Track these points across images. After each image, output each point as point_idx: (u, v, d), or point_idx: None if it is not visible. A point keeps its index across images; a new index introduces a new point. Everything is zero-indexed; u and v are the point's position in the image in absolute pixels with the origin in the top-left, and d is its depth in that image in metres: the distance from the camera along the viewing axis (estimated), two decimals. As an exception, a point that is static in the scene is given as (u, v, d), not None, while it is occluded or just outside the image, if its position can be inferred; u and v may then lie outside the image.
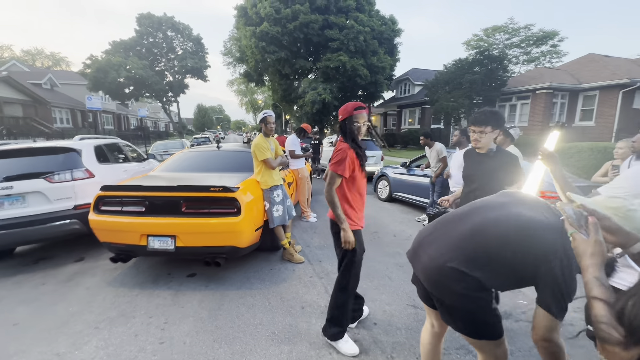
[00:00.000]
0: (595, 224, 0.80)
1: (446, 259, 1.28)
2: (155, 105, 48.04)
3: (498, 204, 1.38)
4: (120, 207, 3.02)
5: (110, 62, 27.55)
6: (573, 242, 0.83)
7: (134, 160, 5.83)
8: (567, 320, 2.58)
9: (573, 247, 0.83)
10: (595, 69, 15.88)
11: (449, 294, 1.28)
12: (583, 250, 0.79)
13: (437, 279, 1.32)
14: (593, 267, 0.74)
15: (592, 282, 0.72)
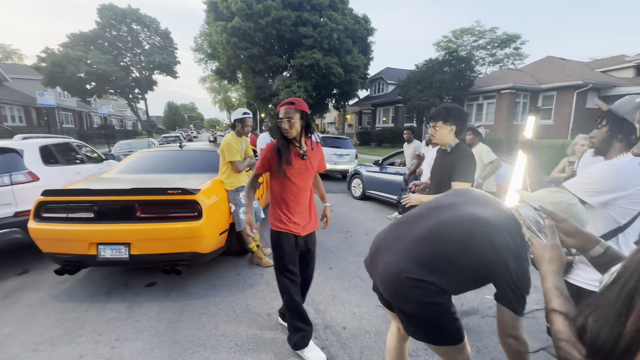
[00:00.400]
0: (552, 227, 0.75)
1: (401, 267, 1.23)
2: (122, 102, 45.40)
3: (451, 204, 1.36)
4: (65, 213, 2.73)
5: (68, 56, 25.62)
6: (531, 246, 0.78)
7: (90, 162, 5.39)
8: (541, 321, 2.65)
9: (531, 252, 0.78)
10: (552, 71, 16.93)
11: (408, 302, 1.23)
12: (541, 255, 0.74)
13: (394, 288, 1.26)
14: (551, 274, 0.69)
15: (550, 291, 0.66)
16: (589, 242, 0.80)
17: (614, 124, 1.32)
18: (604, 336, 0.48)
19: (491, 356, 2.14)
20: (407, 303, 1.23)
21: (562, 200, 1.06)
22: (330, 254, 3.83)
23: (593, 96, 15.77)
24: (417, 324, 1.26)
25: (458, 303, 2.77)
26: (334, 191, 8.10)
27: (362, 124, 30.33)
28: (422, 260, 1.20)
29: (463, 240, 1.18)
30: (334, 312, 2.57)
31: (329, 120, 38.56)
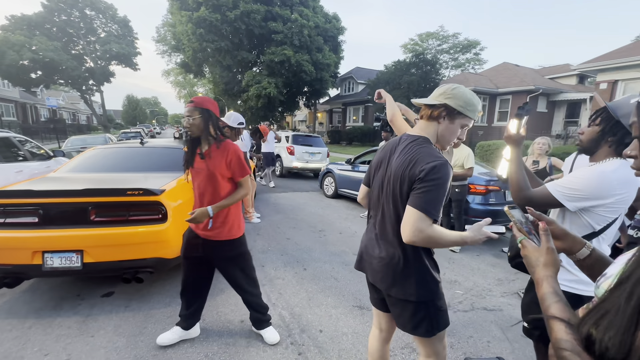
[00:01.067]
0: (546, 229, 0.74)
1: (391, 253, 1.29)
2: (74, 94, 41.58)
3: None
4: (3, 218, 2.38)
5: (7, 40, 23.02)
6: (523, 249, 0.76)
7: (34, 159, 4.85)
8: (497, 306, 2.77)
9: (523, 255, 0.76)
10: (508, 76, 18.18)
11: (406, 289, 1.27)
12: (535, 259, 0.71)
13: (391, 279, 1.29)
14: (548, 279, 0.67)
15: (548, 297, 0.64)
16: (576, 244, 0.80)
17: (608, 125, 1.24)
18: (615, 348, 0.45)
19: (463, 350, 2.19)
20: (407, 290, 1.27)
21: (446, 88, 1.26)
22: (304, 254, 3.76)
23: (543, 100, 17.18)
24: (418, 312, 1.29)
25: (431, 299, 2.83)
26: (306, 189, 8.03)
27: (332, 123, 30.53)
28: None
29: None
30: (309, 315, 2.50)
31: (300, 118, 38.35)
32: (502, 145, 10.02)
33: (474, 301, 2.85)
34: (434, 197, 1.15)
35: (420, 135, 1.31)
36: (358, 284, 3.05)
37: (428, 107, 1.29)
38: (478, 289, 3.08)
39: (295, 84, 21.76)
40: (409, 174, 1.20)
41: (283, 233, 4.54)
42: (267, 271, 3.28)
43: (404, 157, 1.25)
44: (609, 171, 1.20)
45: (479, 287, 3.13)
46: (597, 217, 1.24)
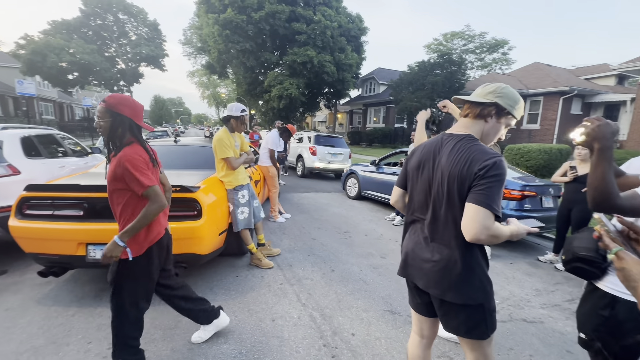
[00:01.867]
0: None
1: (446, 255, 1.25)
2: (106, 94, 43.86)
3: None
4: (51, 210, 2.51)
5: (49, 44, 24.49)
6: (618, 262, 0.69)
7: (74, 155, 5.10)
8: (538, 318, 2.62)
9: (619, 269, 0.69)
10: (540, 77, 17.36)
11: (465, 293, 1.23)
12: (637, 272, 0.64)
13: (447, 283, 1.24)
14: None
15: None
16: None
17: None
18: None
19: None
20: (465, 293, 1.23)
21: (496, 87, 1.25)
22: (330, 255, 3.73)
23: (578, 102, 16.27)
24: (473, 315, 1.26)
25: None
26: (328, 190, 8.00)
27: (352, 124, 30.36)
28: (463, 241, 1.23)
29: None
30: (340, 318, 2.47)
31: (320, 118, 38.42)
32: (532, 148, 9.56)
33: (512, 311, 2.71)
34: (496, 193, 1.13)
35: (466, 133, 1.28)
36: (388, 288, 2.98)
37: (475, 105, 1.27)
38: (515, 299, 2.93)
39: (316, 85, 21.81)
40: (467, 172, 1.17)
41: (308, 233, 4.53)
42: (295, 271, 3.27)
43: (457, 156, 1.22)
44: None
45: (515, 297, 2.98)
46: None
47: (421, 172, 1.37)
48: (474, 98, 1.28)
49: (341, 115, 33.04)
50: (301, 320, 2.41)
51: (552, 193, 4.41)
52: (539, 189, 4.29)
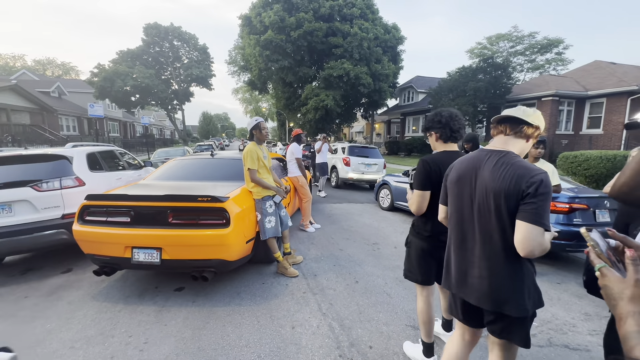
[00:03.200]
0: (635, 258, 0.62)
1: (498, 270, 1.29)
2: (161, 113, 48.59)
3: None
4: (105, 217, 2.89)
5: (117, 71, 27.99)
6: (602, 279, 0.65)
7: (130, 168, 5.74)
8: (583, 345, 2.36)
9: (602, 286, 0.65)
10: (601, 76, 15.65)
11: (520, 304, 1.27)
12: (619, 292, 0.61)
13: (504, 296, 1.29)
14: (634, 316, 0.56)
15: (633, 337, 0.54)
16: None
17: None
18: None
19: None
20: (519, 307, 1.27)
21: (537, 112, 1.32)
22: (356, 267, 3.71)
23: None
24: (523, 323, 1.32)
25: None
26: (361, 201, 7.95)
27: (390, 133, 29.88)
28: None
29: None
30: (360, 329, 2.46)
31: (357, 129, 38.42)
32: (592, 155, 8.58)
33: (552, 336, 2.46)
34: (546, 209, 1.19)
35: (506, 149, 1.34)
36: (412, 302, 2.89)
37: (522, 124, 1.31)
38: (558, 323, 2.66)
39: (352, 96, 22.00)
40: (514, 189, 1.22)
41: (336, 244, 4.56)
42: (319, 280, 3.32)
43: (501, 172, 1.27)
44: None
45: (559, 320, 2.70)
46: None
47: (459, 186, 1.42)
48: (522, 117, 1.31)
49: (379, 125, 32.73)
50: (320, 330, 2.44)
51: (609, 206, 3.94)
52: (591, 201, 3.87)
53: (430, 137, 2.01)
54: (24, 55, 49.97)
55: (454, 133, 1.91)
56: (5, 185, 3.38)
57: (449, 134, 1.91)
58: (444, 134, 1.91)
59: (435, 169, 1.84)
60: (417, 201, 1.90)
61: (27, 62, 48.26)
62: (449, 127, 1.90)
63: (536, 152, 3.63)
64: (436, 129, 1.93)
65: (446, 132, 1.90)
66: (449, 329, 2.33)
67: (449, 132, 1.90)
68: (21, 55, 48.52)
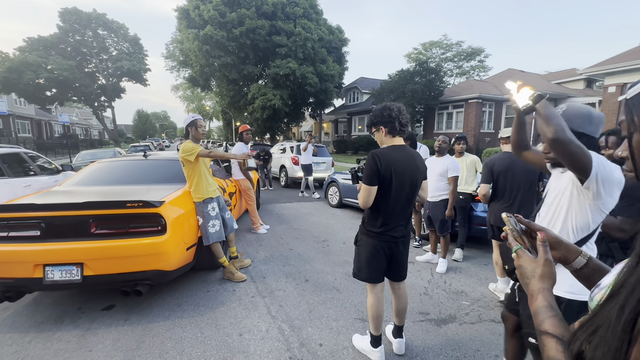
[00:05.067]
0: (544, 241, 0.69)
1: None
2: (87, 110, 42.88)
3: None
4: (6, 232, 2.42)
5: (25, 61, 23.97)
6: (517, 259, 0.72)
7: (44, 173, 4.95)
8: (505, 318, 2.65)
9: (517, 266, 0.72)
10: (514, 82, 18.06)
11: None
12: (531, 271, 0.67)
13: None
14: (543, 292, 0.62)
15: (543, 311, 0.59)
16: (570, 253, 0.75)
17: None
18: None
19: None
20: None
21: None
22: (306, 265, 3.70)
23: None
24: None
25: (436, 311, 2.74)
26: (311, 200, 7.99)
27: (338, 132, 30.64)
28: None
29: None
30: (310, 328, 2.44)
31: (306, 128, 38.64)
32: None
33: (482, 313, 2.74)
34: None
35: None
36: (360, 295, 2.97)
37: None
38: (486, 300, 2.97)
39: (300, 95, 22.02)
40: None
41: (286, 243, 4.50)
42: (268, 283, 3.23)
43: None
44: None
45: (486, 297, 3.02)
46: (597, 214, 1.26)
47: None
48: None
49: (326, 124, 33.34)
50: (269, 334, 2.37)
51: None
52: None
53: (377, 132, 1.99)
54: None
55: (402, 127, 1.93)
56: None
57: (398, 128, 1.93)
58: (393, 128, 1.92)
59: (385, 164, 1.84)
60: (364, 195, 1.90)
61: None
62: (398, 120, 1.92)
63: (459, 148, 4.09)
64: (385, 123, 1.93)
65: (395, 126, 1.92)
66: (399, 335, 2.20)
67: (397, 126, 1.92)
68: None
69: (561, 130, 1.15)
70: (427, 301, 2.91)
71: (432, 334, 2.41)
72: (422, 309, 2.78)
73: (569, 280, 1.25)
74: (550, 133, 1.16)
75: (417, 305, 2.83)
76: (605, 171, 1.18)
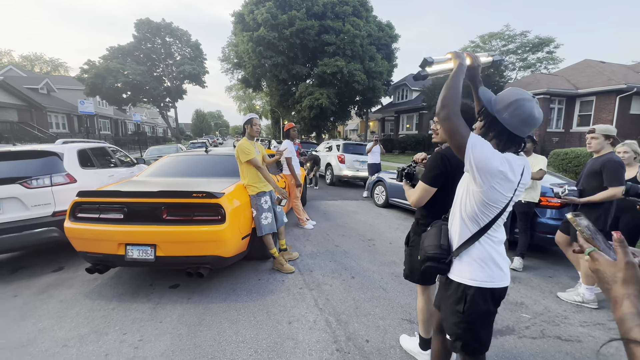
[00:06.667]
0: (622, 240, 0.63)
1: None
2: (153, 110, 47.96)
3: None
4: (97, 214, 2.84)
5: (108, 68, 27.54)
6: (592, 263, 0.66)
7: (123, 165, 5.65)
8: (575, 336, 2.40)
9: (593, 270, 0.66)
10: (591, 75, 15.92)
11: None
12: (611, 275, 0.61)
13: None
14: (630, 298, 0.57)
15: (630, 319, 0.55)
16: None
17: (488, 120, 1.27)
18: None
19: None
20: None
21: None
22: (352, 262, 3.72)
23: (638, 101, 14.61)
24: None
25: (491, 320, 2.57)
26: (355, 198, 7.97)
27: (384, 131, 29.97)
28: None
29: None
30: (356, 324, 2.46)
31: (351, 127, 38.47)
32: (582, 152, 8.74)
33: (545, 328, 2.51)
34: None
35: None
36: (408, 296, 2.91)
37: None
38: (550, 315, 2.70)
39: (347, 94, 21.97)
40: None
41: (332, 240, 4.56)
42: (315, 276, 3.32)
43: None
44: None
45: (551, 312, 2.75)
46: (483, 206, 1.23)
47: None
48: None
49: (373, 123, 32.81)
50: (317, 324, 2.44)
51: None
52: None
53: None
54: (11, 50, 48.79)
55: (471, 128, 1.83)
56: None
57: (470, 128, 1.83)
58: (470, 125, 1.83)
59: (455, 165, 1.68)
60: (420, 195, 1.77)
61: (14, 57, 47.14)
62: (473, 119, 1.82)
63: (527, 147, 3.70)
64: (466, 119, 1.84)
65: (470, 124, 1.83)
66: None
67: (470, 125, 1.82)
68: (8, 50, 47.38)
69: (443, 104, 1.17)
70: (481, 310, 2.75)
71: (487, 344, 2.27)
72: (475, 317, 2.63)
73: (468, 267, 1.26)
74: (437, 105, 1.19)
75: (469, 312, 2.69)
76: (480, 156, 1.12)
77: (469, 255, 1.26)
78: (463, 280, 1.26)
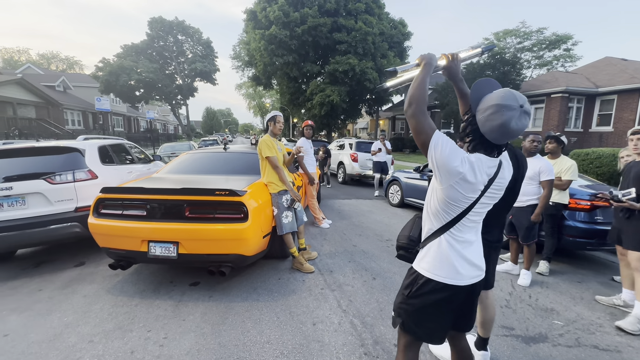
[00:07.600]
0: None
1: None
2: (165, 108, 48.58)
3: None
4: (120, 210, 2.84)
5: (122, 66, 27.96)
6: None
7: (140, 162, 5.69)
8: (613, 346, 2.29)
9: None
10: (612, 73, 15.39)
11: None
12: None
13: None
14: None
15: None
16: None
17: (470, 116, 1.25)
18: None
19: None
20: None
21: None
22: (372, 263, 3.66)
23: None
24: None
25: (522, 327, 2.48)
26: (369, 197, 7.88)
27: (395, 130, 29.67)
28: None
29: None
30: (382, 327, 2.40)
31: (361, 125, 38.22)
32: (604, 153, 8.44)
33: (580, 336, 2.40)
34: None
35: None
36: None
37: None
38: (584, 322, 2.59)
39: (358, 92, 21.80)
40: None
41: (349, 239, 4.50)
42: (336, 277, 3.27)
43: None
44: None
45: (585, 320, 2.63)
46: (444, 204, 1.25)
47: None
48: None
49: (383, 121, 32.52)
50: (342, 327, 2.39)
51: (630, 204, 3.84)
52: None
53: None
54: (28, 49, 50.11)
55: None
56: (19, 177, 3.34)
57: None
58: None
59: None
60: None
61: (31, 56, 48.37)
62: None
63: (551, 147, 3.54)
64: None
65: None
66: (484, 348, 2.06)
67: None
68: (26, 49, 48.68)
69: (410, 102, 1.19)
70: (511, 315, 2.65)
71: (520, 352, 2.18)
72: (505, 322, 2.54)
73: (426, 258, 1.28)
74: (405, 102, 1.21)
75: (498, 318, 2.59)
76: (440, 155, 1.14)
77: (429, 249, 1.29)
78: (418, 268, 1.30)
